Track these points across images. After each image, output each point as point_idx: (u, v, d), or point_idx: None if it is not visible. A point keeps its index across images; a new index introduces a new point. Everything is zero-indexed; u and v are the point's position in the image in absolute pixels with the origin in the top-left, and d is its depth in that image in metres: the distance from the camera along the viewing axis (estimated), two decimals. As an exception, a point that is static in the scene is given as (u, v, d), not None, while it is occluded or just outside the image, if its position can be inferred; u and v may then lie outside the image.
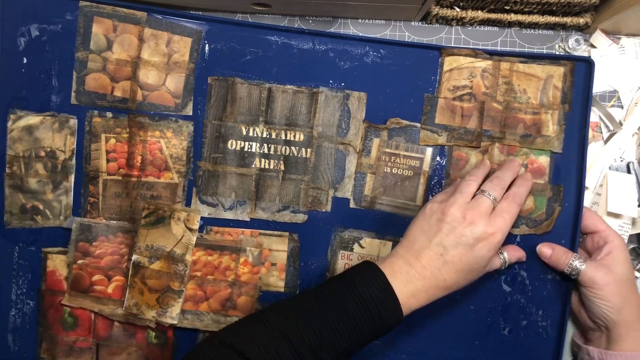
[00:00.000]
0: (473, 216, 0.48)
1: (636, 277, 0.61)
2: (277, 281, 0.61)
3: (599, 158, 0.62)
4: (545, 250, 0.55)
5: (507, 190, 0.52)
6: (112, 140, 0.60)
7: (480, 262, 0.49)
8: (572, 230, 0.57)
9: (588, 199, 0.62)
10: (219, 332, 0.45)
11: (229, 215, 0.60)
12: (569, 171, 0.59)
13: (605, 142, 0.62)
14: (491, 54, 0.58)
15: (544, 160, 0.57)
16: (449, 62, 0.58)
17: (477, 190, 0.51)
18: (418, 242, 0.49)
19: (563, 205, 0.57)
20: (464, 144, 0.57)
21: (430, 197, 0.60)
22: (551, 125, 0.57)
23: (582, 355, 0.54)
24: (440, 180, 0.60)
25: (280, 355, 0.43)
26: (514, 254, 0.55)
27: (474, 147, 0.58)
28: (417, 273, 0.47)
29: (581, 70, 0.58)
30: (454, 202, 0.49)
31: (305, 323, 0.44)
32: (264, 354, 0.43)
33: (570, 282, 0.57)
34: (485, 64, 0.57)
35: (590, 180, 0.61)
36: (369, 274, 0.47)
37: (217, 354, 0.43)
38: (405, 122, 0.60)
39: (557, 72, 0.55)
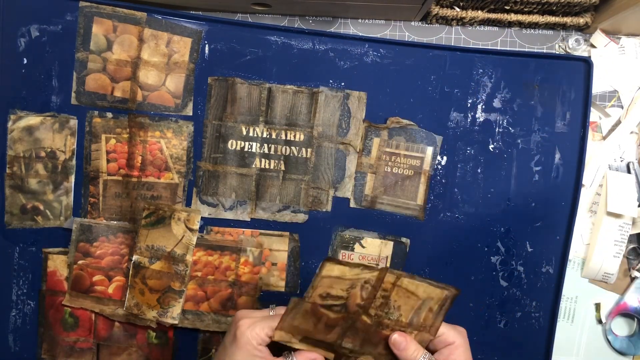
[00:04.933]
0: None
1: (636, 277, 0.62)
2: (277, 281, 0.61)
3: (597, 155, 0.62)
4: (401, 340, 0.49)
5: None
6: (112, 141, 0.60)
7: None
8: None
9: (587, 198, 0.62)
10: None
11: (229, 215, 0.60)
12: (568, 170, 0.60)
13: (604, 138, 0.62)
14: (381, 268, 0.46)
15: None
16: (329, 269, 0.44)
17: None
18: None
19: None
20: (320, 350, 0.47)
21: (431, 197, 0.60)
22: None
23: None
24: (441, 180, 0.60)
25: None
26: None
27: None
28: None
29: (580, 70, 0.59)
30: None
31: None
32: None
33: (563, 275, 0.60)
34: (370, 275, 0.45)
35: (587, 177, 0.62)
36: None
37: None
38: (405, 121, 0.60)
39: (438, 295, 0.46)
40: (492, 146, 0.60)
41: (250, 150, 0.60)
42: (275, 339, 0.45)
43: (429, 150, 0.60)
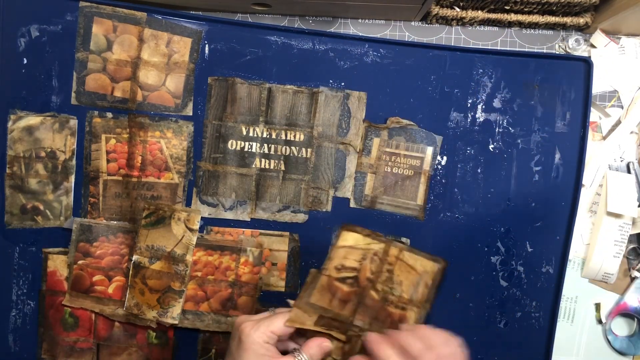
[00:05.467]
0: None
1: (636, 277, 0.62)
2: (277, 281, 0.61)
3: (597, 155, 0.62)
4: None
5: None
6: (112, 141, 0.60)
7: None
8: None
9: (587, 198, 0.62)
10: None
11: (229, 215, 0.60)
12: (568, 170, 0.60)
13: (604, 138, 0.62)
14: (385, 236, 0.51)
15: None
16: (344, 238, 0.50)
17: None
18: None
19: None
20: (333, 332, 0.47)
21: (431, 197, 0.60)
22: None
23: None
24: (441, 180, 0.60)
25: None
26: (315, 348, 0.46)
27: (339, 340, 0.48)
28: None
29: (580, 70, 0.59)
30: None
31: None
32: None
33: (563, 275, 0.60)
34: (378, 246, 0.50)
35: (587, 177, 0.62)
36: None
37: None
38: (405, 121, 0.60)
39: (432, 268, 0.50)
40: (492, 146, 0.60)
41: (250, 150, 0.60)
42: (291, 318, 0.46)
43: (429, 150, 0.60)
